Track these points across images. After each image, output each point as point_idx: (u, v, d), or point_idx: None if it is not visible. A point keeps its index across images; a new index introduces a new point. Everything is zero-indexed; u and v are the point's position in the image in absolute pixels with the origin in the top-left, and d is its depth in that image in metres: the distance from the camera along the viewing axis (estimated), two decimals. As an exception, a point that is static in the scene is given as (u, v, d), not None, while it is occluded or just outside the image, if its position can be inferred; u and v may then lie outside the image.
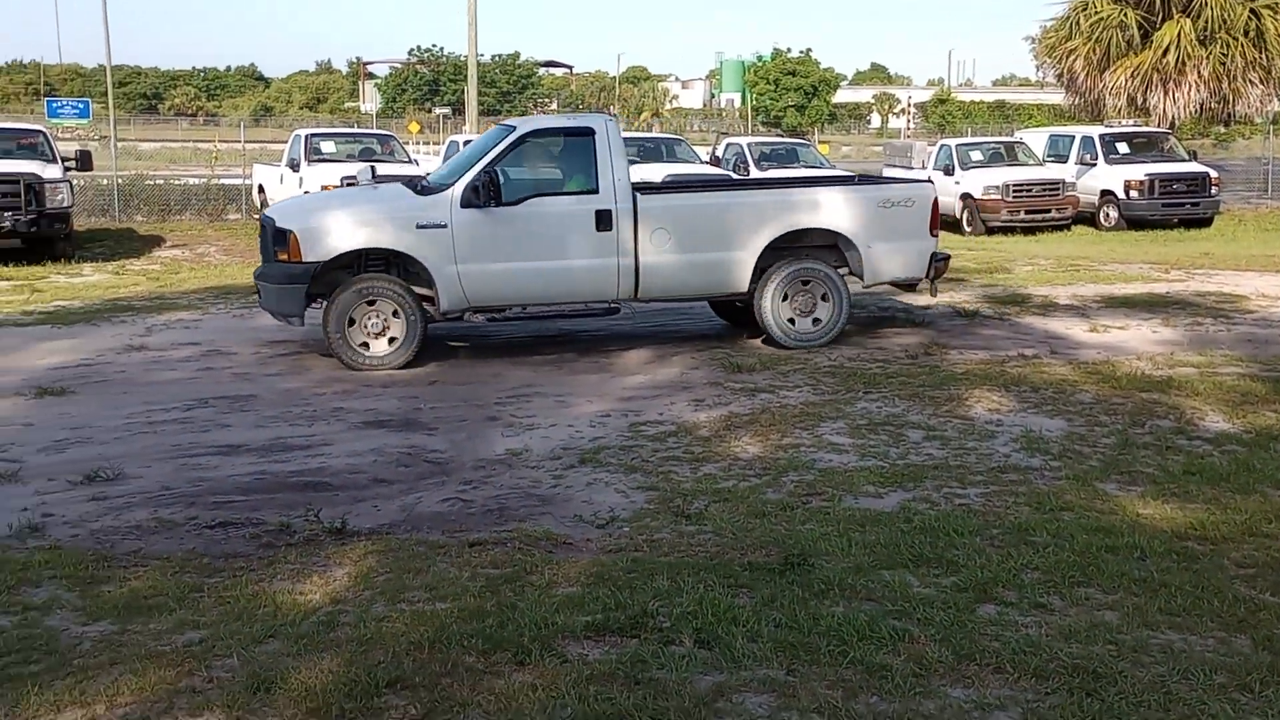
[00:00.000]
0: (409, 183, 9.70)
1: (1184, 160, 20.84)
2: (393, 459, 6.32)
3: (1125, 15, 24.60)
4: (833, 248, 9.40)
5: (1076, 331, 10.06)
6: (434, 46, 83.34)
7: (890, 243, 9.36)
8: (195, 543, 4.99)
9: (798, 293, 9.22)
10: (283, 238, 8.58)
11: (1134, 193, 19.85)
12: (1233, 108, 25.25)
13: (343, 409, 7.42)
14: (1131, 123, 23.08)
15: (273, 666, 3.74)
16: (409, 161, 18.95)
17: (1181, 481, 5.73)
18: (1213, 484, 5.66)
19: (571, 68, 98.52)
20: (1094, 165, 20.72)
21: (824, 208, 9.32)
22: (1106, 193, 20.28)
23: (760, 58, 76.34)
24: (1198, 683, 3.64)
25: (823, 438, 6.67)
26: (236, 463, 6.22)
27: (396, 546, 4.90)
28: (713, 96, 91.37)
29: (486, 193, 8.55)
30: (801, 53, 71.88)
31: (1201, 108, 25.01)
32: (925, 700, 3.56)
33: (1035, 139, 22.99)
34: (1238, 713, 3.48)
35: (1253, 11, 24.21)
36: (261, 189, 20.14)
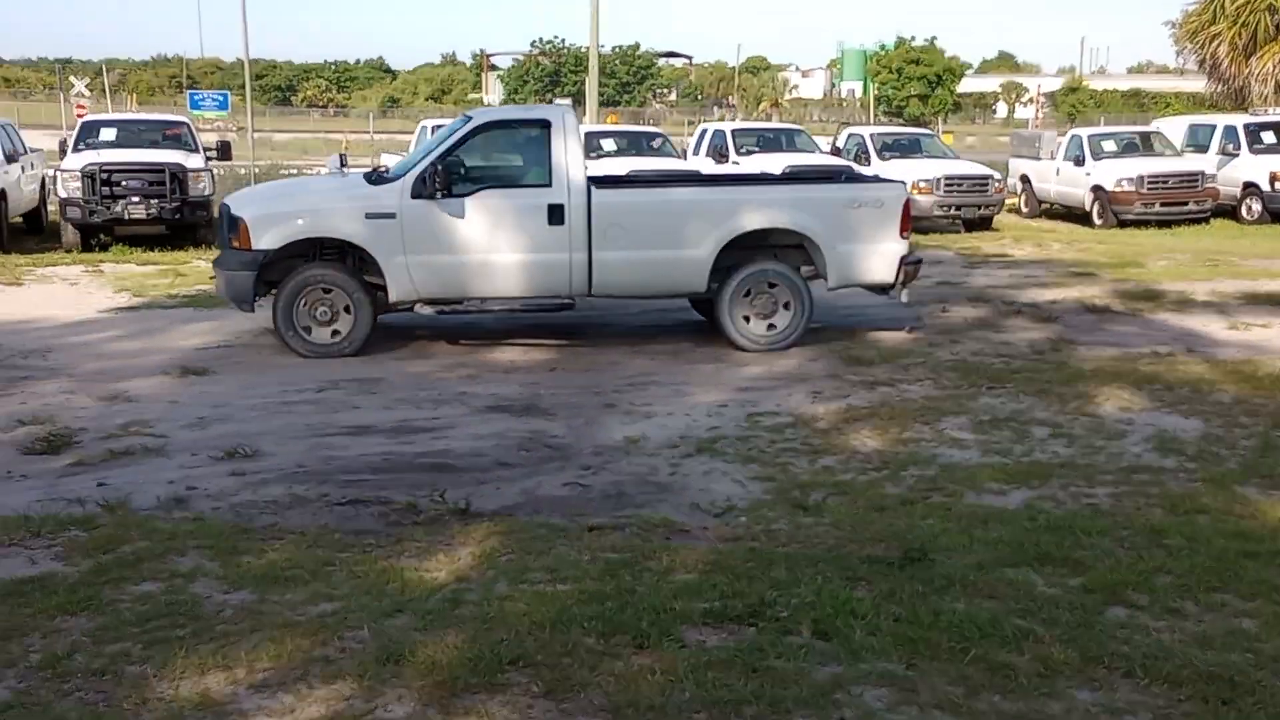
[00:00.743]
0: (369, 173, 9.65)
1: (1335, 150, 19.75)
2: (514, 443, 6.45)
3: (1274, -2, 23.53)
4: (799, 248, 9.07)
5: (1215, 329, 9.66)
6: (556, 38, 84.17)
7: (857, 245, 8.96)
8: (327, 519, 5.19)
9: (760, 294, 8.96)
10: (235, 225, 8.62)
11: (1280, 184, 18.92)
12: (1388, 94, 23.91)
13: (466, 393, 7.60)
14: (1278, 111, 21.98)
15: (401, 639, 3.87)
16: None
17: (1328, 487, 5.47)
18: (1362, 491, 5.40)
19: (691, 58, 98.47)
20: (1236, 156, 19.80)
21: (786, 207, 8.98)
22: (1249, 185, 19.36)
23: (883, 46, 74.82)
24: (1343, 696, 3.48)
25: (944, 433, 6.56)
26: (366, 443, 6.44)
27: (518, 528, 5.01)
28: (833, 86, 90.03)
29: (435, 183, 8.48)
30: (926, 41, 70.25)
31: (1355, 95, 23.76)
32: (1051, 701, 3.50)
33: (1173, 128, 22.05)
34: (1387, 730, 3.32)
35: None
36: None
